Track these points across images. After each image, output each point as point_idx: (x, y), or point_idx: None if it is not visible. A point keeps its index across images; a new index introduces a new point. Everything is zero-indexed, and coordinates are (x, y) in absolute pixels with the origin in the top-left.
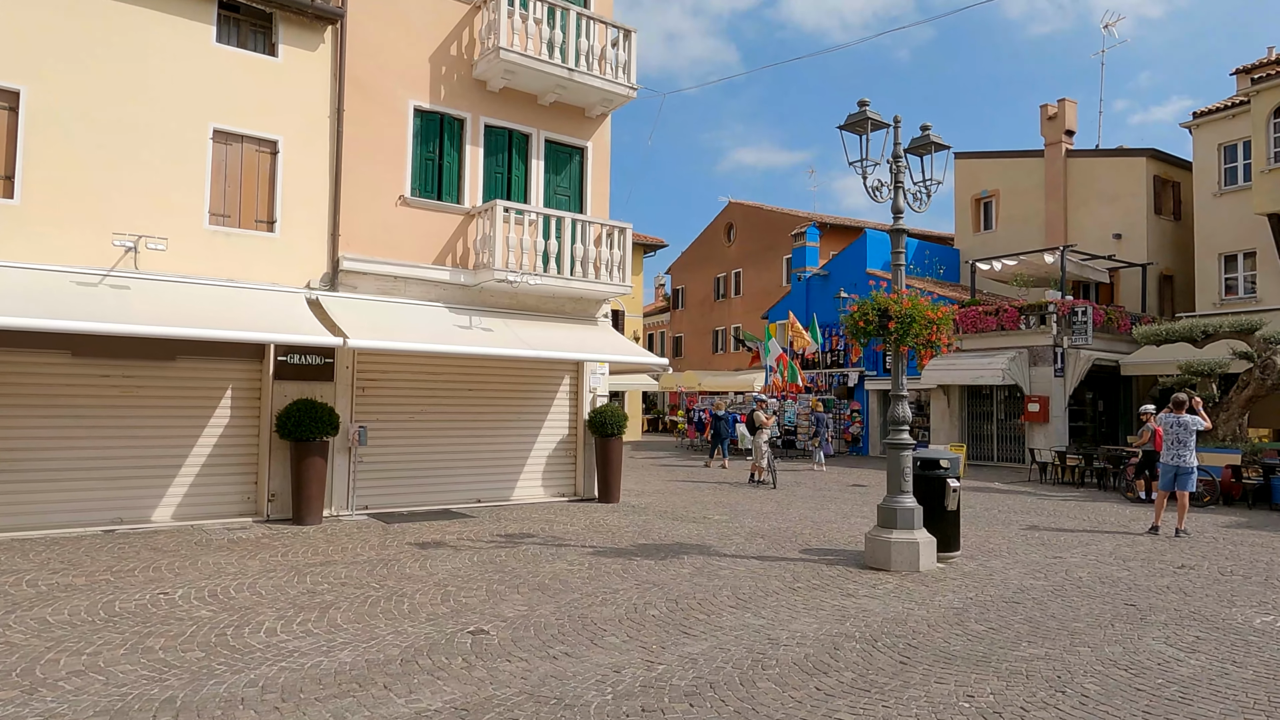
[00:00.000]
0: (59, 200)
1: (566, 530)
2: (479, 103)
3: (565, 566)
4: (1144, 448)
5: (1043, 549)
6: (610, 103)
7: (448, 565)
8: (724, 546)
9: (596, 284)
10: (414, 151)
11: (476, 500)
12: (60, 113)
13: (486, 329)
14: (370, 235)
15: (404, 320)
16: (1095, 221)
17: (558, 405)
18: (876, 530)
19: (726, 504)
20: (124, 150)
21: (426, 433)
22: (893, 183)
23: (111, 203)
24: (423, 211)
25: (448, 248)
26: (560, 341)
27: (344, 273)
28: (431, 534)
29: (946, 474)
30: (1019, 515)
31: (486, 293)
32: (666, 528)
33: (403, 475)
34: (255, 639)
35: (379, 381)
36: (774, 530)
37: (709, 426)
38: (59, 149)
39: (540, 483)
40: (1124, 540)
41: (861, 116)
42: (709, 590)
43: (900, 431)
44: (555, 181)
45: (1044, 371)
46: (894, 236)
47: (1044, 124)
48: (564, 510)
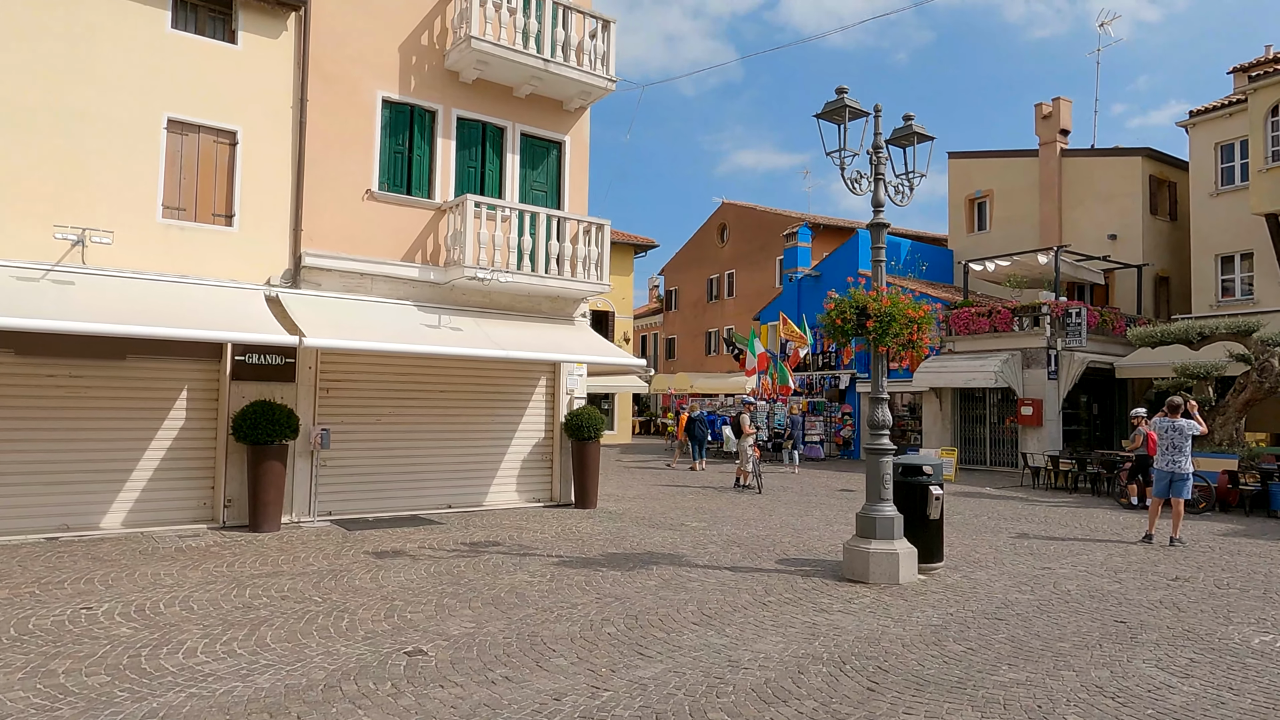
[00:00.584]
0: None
1: (535, 538)
2: (451, 94)
3: (525, 578)
4: (1137, 452)
5: (1031, 559)
6: (589, 95)
7: (401, 577)
8: (697, 556)
9: (573, 282)
10: (382, 144)
11: (447, 506)
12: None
13: (456, 328)
14: (335, 230)
15: (369, 319)
16: (1090, 222)
17: (533, 408)
18: (855, 540)
19: (707, 510)
20: (69, 139)
21: (394, 436)
22: (873, 174)
23: (55, 194)
24: (391, 206)
25: (418, 244)
26: (533, 342)
27: (307, 269)
28: (393, 542)
29: (929, 481)
30: (1009, 522)
31: (458, 291)
32: (640, 535)
33: (369, 480)
34: (171, 661)
35: (344, 382)
36: (752, 538)
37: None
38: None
39: (515, 488)
40: (1116, 550)
41: (839, 104)
42: (673, 605)
43: (880, 436)
44: (532, 177)
45: (1037, 374)
46: (874, 231)
47: (1038, 123)
48: (537, 517)
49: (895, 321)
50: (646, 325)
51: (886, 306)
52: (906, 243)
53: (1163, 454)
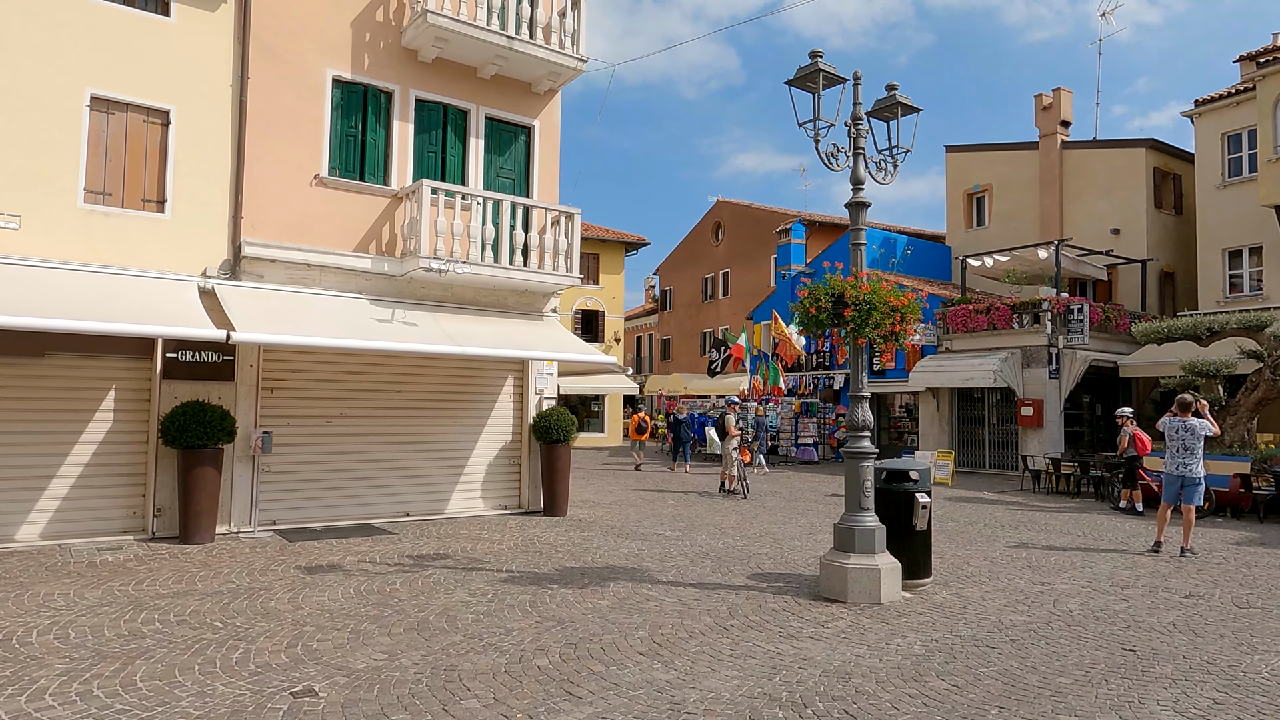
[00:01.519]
0: None
1: (490, 550)
2: (409, 74)
3: (463, 598)
4: (1126, 454)
5: (1029, 572)
6: (558, 76)
7: (324, 596)
8: (662, 570)
9: (539, 275)
10: (333, 127)
11: (404, 514)
12: None
13: (410, 324)
14: (280, 218)
15: (314, 313)
16: (1092, 216)
17: (500, 409)
18: (832, 554)
19: (685, 517)
20: None
21: (346, 439)
22: (851, 149)
23: None
24: (343, 193)
25: (372, 234)
26: (495, 338)
27: (247, 260)
28: (332, 555)
29: (915, 487)
30: (1006, 530)
31: (416, 284)
32: (606, 546)
33: (318, 486)
34: (9, 706)
35: (290, 381)
36: (726, 550)
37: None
38: None
39: (479, 494)
40: (1122, 561)
41: (813, 70)
42: (622, 630)
43: (859, 438)
44: (498, 163)
45: (1038, 373)
46: (852, 211)
47: (1038, 115)
48: (500, 525)
49: (876, 310)
50: (641, 326)
51: (865, 294)
52: (903, 238)
53: (1173, 456)
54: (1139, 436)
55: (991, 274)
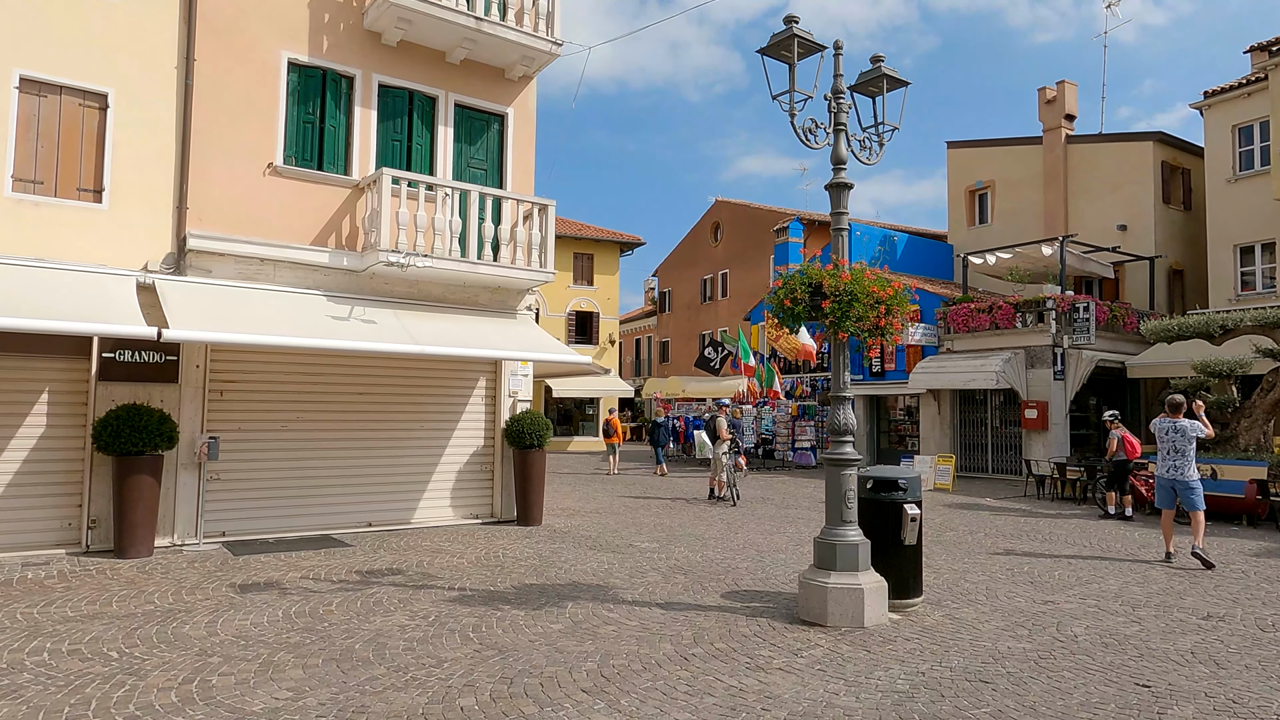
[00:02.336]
0: None
1: (448, 564)
2: (372, 58)
3: (401, 621)
4: (1115, 458)
5: (1031, 589)
6: (532, 61)
7: (247, 620)
8: (629, 588)
9: (511, 270)
10: (289, 112)
11: (367, 524)
12: None
13: (368, 321)
14: (230, 210)
15: (263, 310)
16: (1098, 212)
17: (471, 412)
18: (811, 572)
19: (666, 526)
20: None
21: (305, 444)
22: (831, 124)
23: None
24: (299, 183)
25: (331, 226)
26: (460, 336)
27: (194, 253)
28: (276, 570)
29: (904, 498)
30: (1007, 539)
31: (379, 280)
32: (574, 560)
33: (273, 495)
34: None
35: (242, 383)
36: (704, 563)
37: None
38: None
39: (449, 502)
40: (1132, 575)
41: (787, 36)
42: (569, 661)
43: (841, 443)
44: (469, 153)
45: (1042, 374)
46: (833, 193)
47: (1042, 108)
48: (466, 537)
49: (857, 302)
50: (641, 328)
51: (846, 283)
52: (904, 237)
53: (1163, 459)
54: (1128, 439)
55: (994, 272)
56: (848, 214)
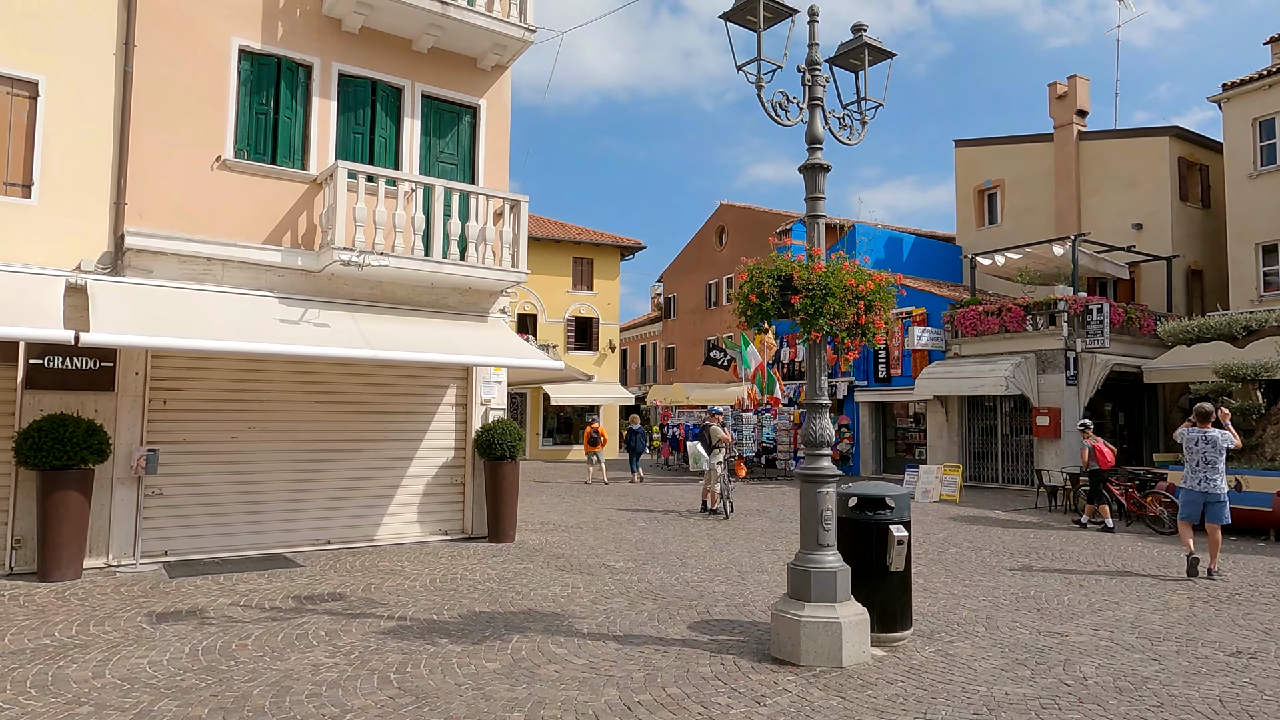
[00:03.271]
0: None
1: (398, 588)
2: (332, 46)
3: (320, 659)
4: (1089, 468)
5: (1036, 618)
6: (505, 50)
7: (145, 658)
8: (588, 616)
9: (479, 270)
10: (240, 103)
11: (325, 542)
12: None
13: (321, 324)
14: (174, 206)
15: (205, 313)
16: (1112, 210)
17: (440, 421)
18: (784, 603)
19: (648, 543)
20: None
21: (257, 456)
22: (806, 100)
23: None
24: (251, 178)
25: (286, 224)
26: (421, 340)
27: (133, 252)
28: (207, 595)
29: (890, 517)
30: (1015, 556)
31: (339, 281)
32: (538, 583)
33: (222, 511)
34: None
35: (187, 391)
36: (678, 587)
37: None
38: None
39: (416, 518)
40: (1150, 598)
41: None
42: (495, 711)
43: (817, 456)
44: (438, 146)
45: (1054, 379)
46: (808, 176)
47: (1052, 104)
48: (429, 555)
49: (833, 297)
50: (646, 334)
51: (820, 276)
52: (910, 238)
53: (1193, 471)
54: (1099, 449)
55: (1003, 273)
56: (824, 199)
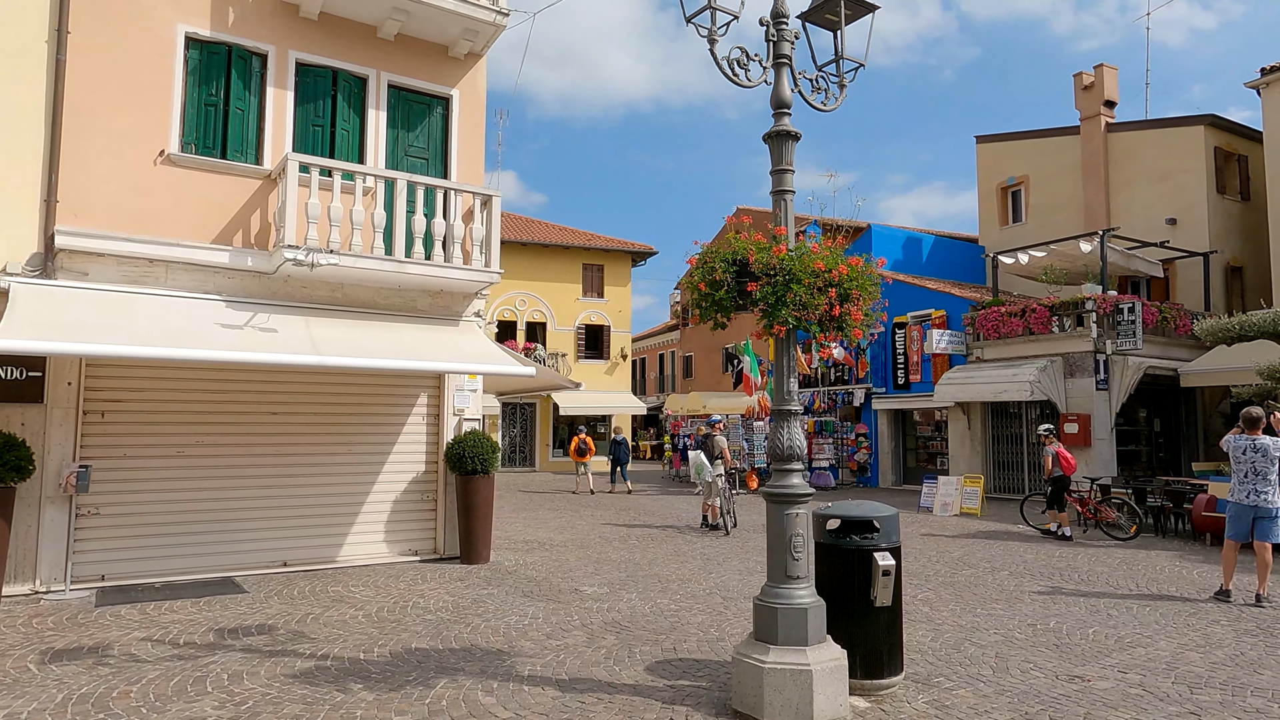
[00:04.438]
0: None
1: (339, 619)
2: (289, 33)
3: (203, 712)
4: (1053, 475)
5: (1055, 656)
6: (477, 35)
7: (7, 709)
8: (537, 655)
9: (446, 270)
10: (187, 94)
11: (282, 564)
12: None
13: (268, 330)
14: (112, 204)
15: (140, 318)
16: (1144, 205)
17: (410, 433)
18: (747, 645)
19: (633, 563)
20: None
21: (206, 472)
22: (770, 58)
23: None
24: (198, 173)
25: (238, 222)
26: (380, 346)
27: (65, 253)
28: (124, 628)
29: (875, 543)
30: (1036, 578)
31: (295, 283)
32: (495, 611)
33: (166, 532)
34: None
35: (127, 403)
36: (650, 617)
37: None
38: None
39: (383, 537)
40: (1190, 630)
41: None
42: None
43: (787, 472)
44: (407, 140)
45: (1083, 383)
46: (773, 146)
47: (1078, 95)
48: (390, 579)
49: (798, 284)
50: (664, 343)
51: (782, 258)
52: (930, 238)
53: (1241, 482)
54: (1062, 455)
55: (1027, 272)
56: (792, 172)
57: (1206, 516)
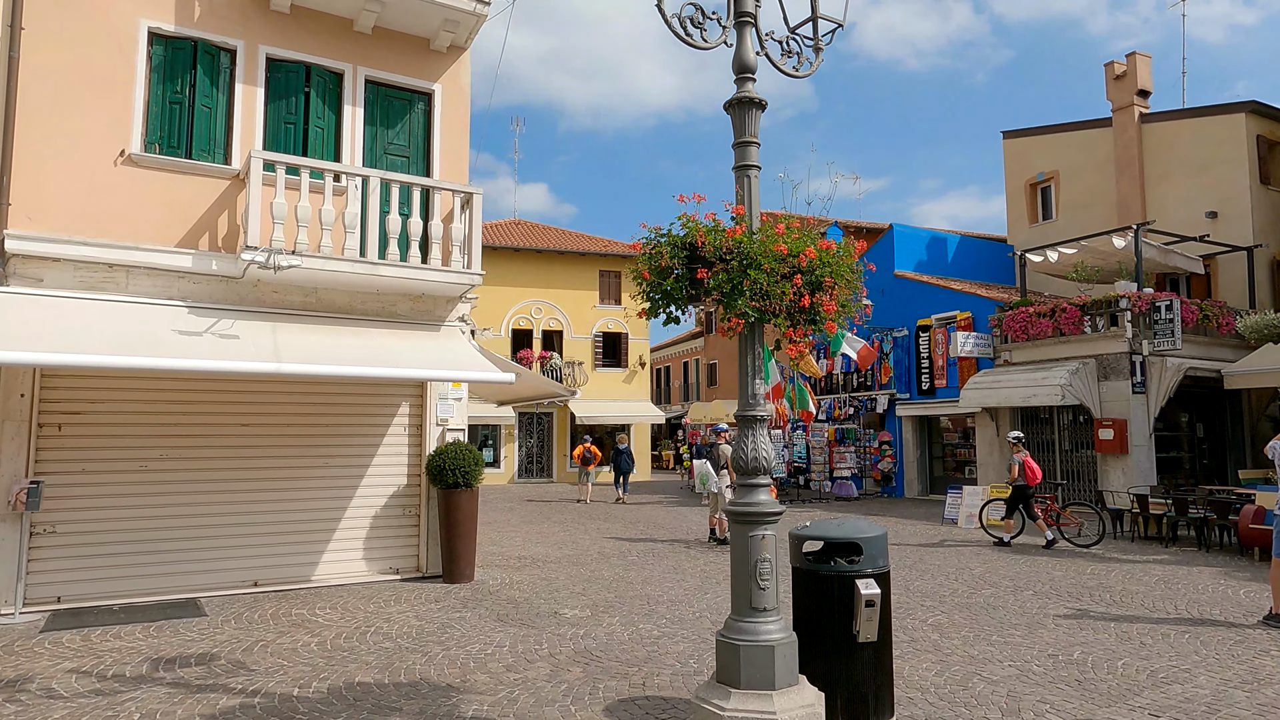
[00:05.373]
0: None
1: (289, 646)
2: (259, 27)
3: None
4: (1015, 483)
5: (1077, 695)
6: (457, 26)
7: None
8: (488, 692)
9: (423, 272)
10: (151, 91)
11: (252, 584)
12: None
13: (229, 336)
14: (70, 206)
15: (98, 325)
16: (1182, 198)
17: (390, 444)
18: (707, 689)
19: (625, 582)
20: None
21: (172, 488)
22: (732, 16)
23: None
24: (162, 174)
25: (204, 224)
26: (351, 353)
27: (17, 258)
28: (56, 658)
29: (857, 569)
30: (1063, 599)
31: (265, 288)
32: (459, 639)
33: (128, 551)
34: None
35: (86, 414)
36: (626, 645)
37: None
38: None
39: (362, 555)
40: (1234, 663)
41: None
42: None
43: (753, 488)
44: (386, 137)
45: (1118, 387)
46: (734, 115)
47: (1110, 85)
48: (362, 600)
49: (757, 269)
50: (688, 350)
51: (738, 239)
52: (955, 238)
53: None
54: (1029, 464)
55: (1057, 270)
56: (757, 144)
57: (1254, 529)
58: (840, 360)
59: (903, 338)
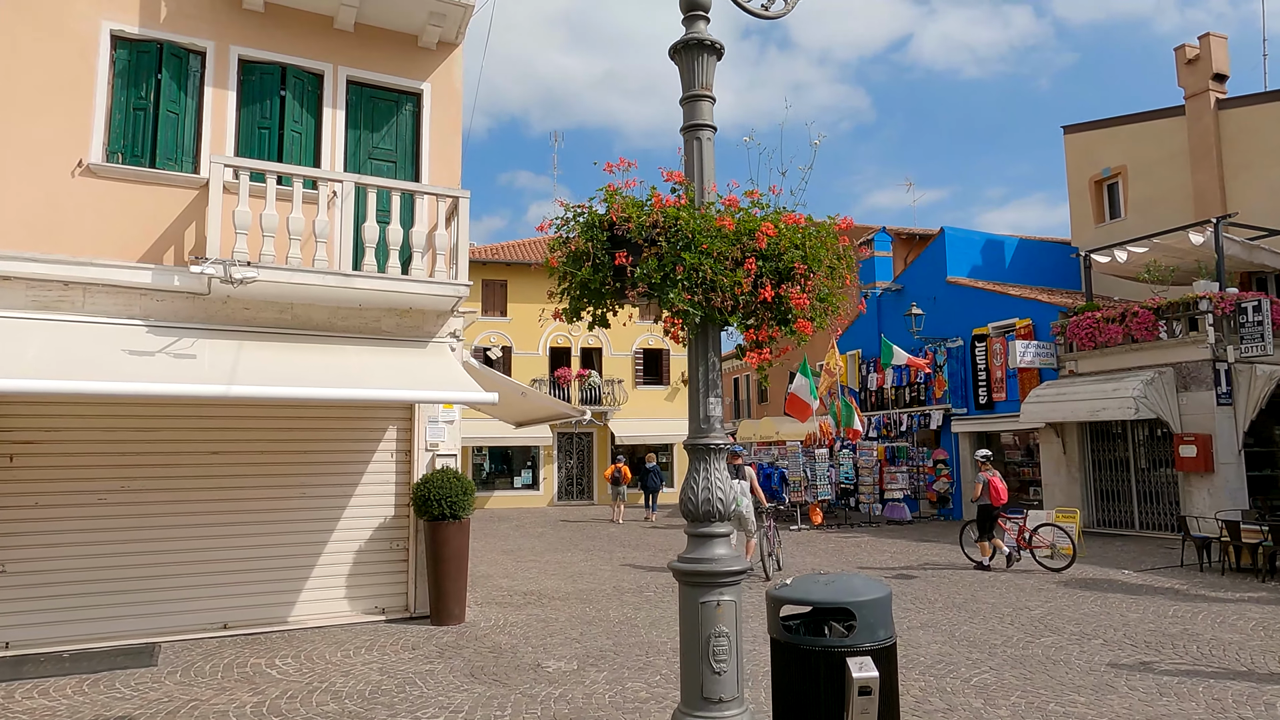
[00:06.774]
0: None
1: (223, 708)
2: (231, 27)
3: None
4: (979, 502)
5: None
6: (445, 20)
7: None
8: None
9: (403, 284)
10: (113, 97)
11: (222, 625)
12: None
13: (187, 356)
14: (21, 220)
15: (46, 348)
16: (1266, 189)
17: (376, 472)
18: None
19: (627, 626)
20: None
21: (133, 523)
22: None
23: None
24: (124, 184)
25: (170, 238)
26: (321, 373)
27: None
28: None
29: (850, 645)
30: (1138, 649)
31: (235, 305)
32: (415, 699)
33: (84, 593)
34: None
35: (40, 444)
36: (607, 709)
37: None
38: None
39: (344, 594)
40: None
41: None
42: None
43: (706, 540)
44: (372, 141)
45: (1200, 398)
46: (681, 60)
47: (1181, 71)
48: (333, 646)
49: (693, 252)
50: (738, 367)
51: (672, 214)
52: (1013, 241)
53: None
54: (994, 485)
55: (1127, 271)
56: (712, 100)
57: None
58: (890, 374)
59: (957, 348)
